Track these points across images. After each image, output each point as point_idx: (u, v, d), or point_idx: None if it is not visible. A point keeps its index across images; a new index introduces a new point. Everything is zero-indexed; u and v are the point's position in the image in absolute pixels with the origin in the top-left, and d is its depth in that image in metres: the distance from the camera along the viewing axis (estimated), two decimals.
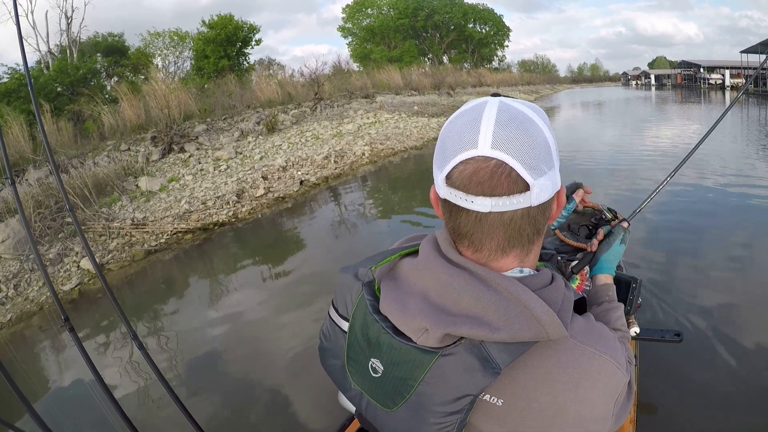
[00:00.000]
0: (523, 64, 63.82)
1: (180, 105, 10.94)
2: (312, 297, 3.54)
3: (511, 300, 0.56)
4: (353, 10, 43.82)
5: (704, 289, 3.14)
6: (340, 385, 0.71)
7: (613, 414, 0.63)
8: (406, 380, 0.59)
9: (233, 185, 6.50)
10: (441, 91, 23.09)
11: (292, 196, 6.42)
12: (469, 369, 0.55)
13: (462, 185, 0.56)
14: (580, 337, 0.60)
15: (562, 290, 0.61)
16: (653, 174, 6.37)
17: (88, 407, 2.48)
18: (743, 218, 4.49)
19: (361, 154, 8.49)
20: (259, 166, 7.25)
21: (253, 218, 5.70)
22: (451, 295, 0.58)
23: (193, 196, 6.33)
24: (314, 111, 12.54)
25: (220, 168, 7.57)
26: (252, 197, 6.21)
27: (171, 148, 9.18)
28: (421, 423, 0.59)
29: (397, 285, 0.63)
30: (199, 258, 5.01)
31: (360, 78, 20.11)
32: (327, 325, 0.74)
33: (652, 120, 14.32)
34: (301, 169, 7.33)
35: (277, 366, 2.77)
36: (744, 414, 2.01)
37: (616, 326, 0.87)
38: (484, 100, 0.59)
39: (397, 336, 0.59)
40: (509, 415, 0.58)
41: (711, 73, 33.98)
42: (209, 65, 22.64)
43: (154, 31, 25.54)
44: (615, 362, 0.61)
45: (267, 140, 9.29)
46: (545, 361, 0.58)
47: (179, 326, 3.47)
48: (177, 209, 6.02)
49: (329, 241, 4.97)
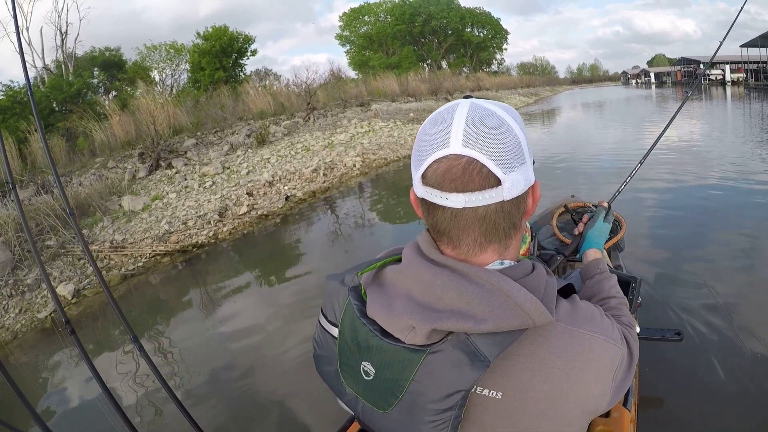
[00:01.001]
0: (522, 66, 63.64)
1: (169, 119, 10.76)
2: (296, 319, 3.33)
3: (493, 291, 0.57)
4: (350, 17, 43.88)
5: (705, 288, 3.09)
6: (336, 390, 0.71)
7: (612, 388, 0.64)
8: (398, 381, 0.59)
9: (216, 203, 6.26)
10: (438, 96, 22.87)
11: (277, 213, 6.11)
12: (457, 364, 0.56)
13: (436, 183, 0.59)
14: (568, 320, 0.61)
15: (544, 277, 0.62)
16: (655, 173, 6.28)
17: (90, 410, 2.55)
18: (746, 215, 4.42)
19: (352, 166, 8.23)
20: (244, 182, 6.99)
21: (233, 238, 5.43)
22: (434, 292, 0.59)
23: (175, 215, 6.10)
24: (307, 121, 12.35)
25: (205, 185, 7.34)
26: (235, 215, 5.96)
27: (158, 164, 8.99)
28: (416, 422, 0.59)
29: (383, 290, 0.64)
30: (174, 282, 4.77)
31: (356, 86, 19.93)
32: (318, 333, 0.74)
33: (654, 120, 14.05)
34: (288, 183, 7.07)
35: (277, 372, 2.77)
36: (745, 413, 2.00)
37: (611, 294, 0.88)
38: (456, 103, 0.61)
39: (385, 338, 0.60)
40: (510, 407, 0.59)
41: (711, 68, 33.72)
42: (205, 77, 22.58)
43: (151, 45, 25.62)
44: (606, 338, 0.62)
45: (256, 153, 9.07)
46: (537, 349, 0.58)
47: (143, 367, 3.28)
48: (157, 230, 5.79)
49: (314, 259, 4.73)
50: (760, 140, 8.36)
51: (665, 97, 27.38)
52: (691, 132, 10.27)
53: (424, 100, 20.43)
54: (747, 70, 28.69)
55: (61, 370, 3.26)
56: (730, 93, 24.62)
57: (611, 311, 0.80)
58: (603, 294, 0.89)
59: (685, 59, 40.68)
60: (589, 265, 1.00)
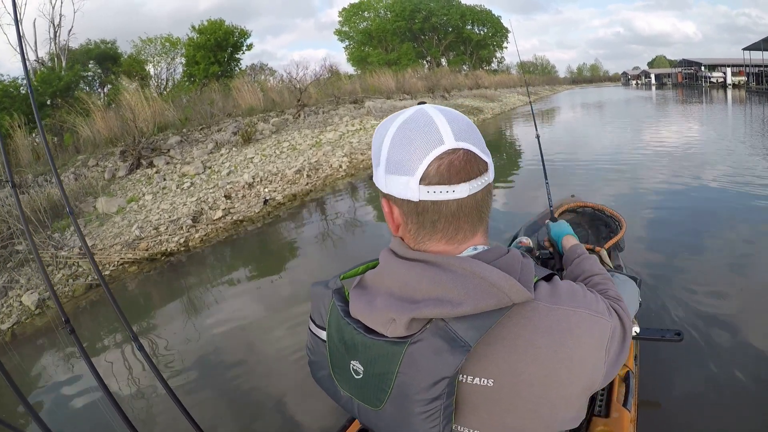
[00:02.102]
0: (523, 65, 63.18)
1: (155, 115, 10.47)
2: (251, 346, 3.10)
3: (466, 275, 0.58)
4: (350, 13, 43.46)
5: (705, 288, 3.11)
6: (332, 394, 0.72)
7: (606, 362, 0.64)
8: (385, 375, 0.60)
9: (192, 206, 5.99)
10: (435, 94, 22.57)
11: (253, 218, 5.82)
12: (438, 351, 0.56)
13: (443, 178, 0.59)
14: (550, 299, 0.61)
15: (519, 259, 0.63)
16: (656, 175, 6.38)
17: (88, 408, 2.53)
18: (746, 218, 4.46)
19: (338, 167, 7.96)
20: (223, 183, 6.71)
21: (204, 246, 5.15)
22: (412, 285, 0.60)
23: (148, 219, 5.83)
24: (297, 118, 12.07)
25: (183, 186, 7.07)
26: (209, 220, 5.69)
27: (139, 163, 8.71)
28: (408, 415, 0.59)
29: (365, 291, 0.66)
30: (141, 294, 4.52)
31: (350, 82, 19.60)
32: (310, 340, 0.75)
33: (652, 121, 13.83)
34: (269, 185, 6.79)
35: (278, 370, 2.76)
36: (745, 413, 2.00)
37: (594, 271, 0.88)
38: (418, 107, 0.64)
39: (368, 334, 0.62)
40: (503, 393, 0.59)
41: (712, 71, 33.44)
42: (199, 71, 22.28)
43: (146, 38, 25.34)
44: (592, 312, 0.62)
45: (241, 152, 8.80)
46: (522, 330, 0.59)
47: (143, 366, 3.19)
48: (128, 235, 5.52)
49: (292, 267, 4.50)
50: (764, 147, 8.44)
51: (666, 98, 27.18)
52: (692, 134, 10.23)
53: (420, 97, 20.13)
54: (749, 73, 28.41)
55: (60, 369, 3.21)
56: (731, 96, 24.52)
57: (596, 287, 0.80)
58: (585, 273, 0.89)
59: (687, 61, 40.30)
60: (567, 252, 1.03)
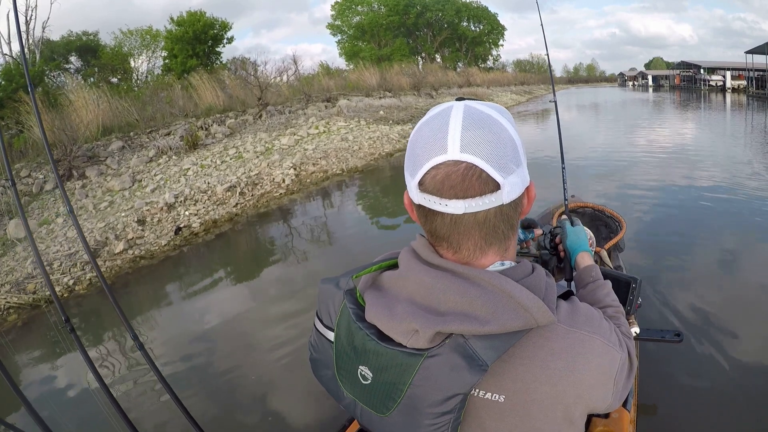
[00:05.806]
0: (518, 63, 62.15)
1: (98, 116, 9.64)
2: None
3: (495, 292, 0.56)
4: (343, 7, 42.39)
5: (705, 289, 3.14)
6: (334, 394, 0.71)
7: (614, 393, 0.64)
8: (396, 384, 0.59)
9: (96, 234, 5.20)
10: (421, 91, 21.62)
11: (157, 253, 4.95)
12: (455, 368, 0.55)
13: (435, 190, 0.58)
14: (568, 321, 0.61)
15: (543, 278, 0.62)
16: (657, 176, 6.49)
17: (87, 406, 2.50)
18: (745, 220, 4.51)
19: (280, 182, 7.16)
20: (140, 204, 5.90)
21: (88, 292, 4.28)
22: (436, 296, 0.58)
23: (48, 250, 5.02)
24: (258, 119, 11.24)
25: (101, 206, 6.26)
26: (110, 255, 4.89)
27: (71, 173, 7.90)
28: (415, 426, 0.59)
29: (383, 294, 0.63)
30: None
31: (328, 78, 18.67)
32: (314, 337, 0.73)
33: (647, 124, 13.19)
34: (192, 206, 5.96)
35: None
36: (744, 414, 2.01)
37: (607, 302, 0.87)
38: (450, 105, 0.60)
39: (382, 342, 0.60)
40: (513, 409, 0.59)
41: (711, 74, 32.66)
42: (177, 65, 21.40)
43: (127, 30, 24.52)
44: (605, 341, 0.62)
45: (180, 161, 8.00)
46: (539, 351, 0.58)
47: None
48: (21, 272, 4.70)
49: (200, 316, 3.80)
50: (759, 146, 8.74)
51: (663, 100, 26.49)
52: (693, 136, 10.54)
53: (404, 95, 19.21)
54: (749, 78, 27.62)
55: (59, 368, 3.14)
56: (730, 100, 23.93)
57: (611, 320, 0.74)
58: (599, 304, 0.87)
59: (685, 63, 39.47)
60: (582, 273, 0.99)
